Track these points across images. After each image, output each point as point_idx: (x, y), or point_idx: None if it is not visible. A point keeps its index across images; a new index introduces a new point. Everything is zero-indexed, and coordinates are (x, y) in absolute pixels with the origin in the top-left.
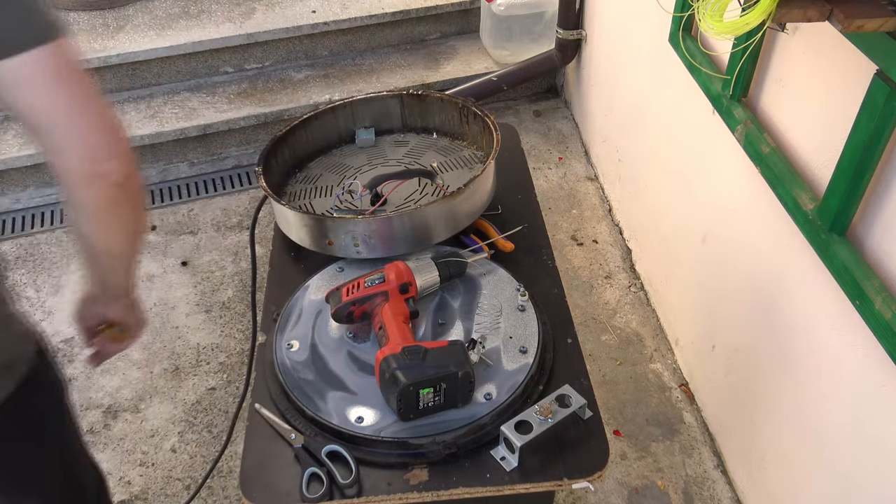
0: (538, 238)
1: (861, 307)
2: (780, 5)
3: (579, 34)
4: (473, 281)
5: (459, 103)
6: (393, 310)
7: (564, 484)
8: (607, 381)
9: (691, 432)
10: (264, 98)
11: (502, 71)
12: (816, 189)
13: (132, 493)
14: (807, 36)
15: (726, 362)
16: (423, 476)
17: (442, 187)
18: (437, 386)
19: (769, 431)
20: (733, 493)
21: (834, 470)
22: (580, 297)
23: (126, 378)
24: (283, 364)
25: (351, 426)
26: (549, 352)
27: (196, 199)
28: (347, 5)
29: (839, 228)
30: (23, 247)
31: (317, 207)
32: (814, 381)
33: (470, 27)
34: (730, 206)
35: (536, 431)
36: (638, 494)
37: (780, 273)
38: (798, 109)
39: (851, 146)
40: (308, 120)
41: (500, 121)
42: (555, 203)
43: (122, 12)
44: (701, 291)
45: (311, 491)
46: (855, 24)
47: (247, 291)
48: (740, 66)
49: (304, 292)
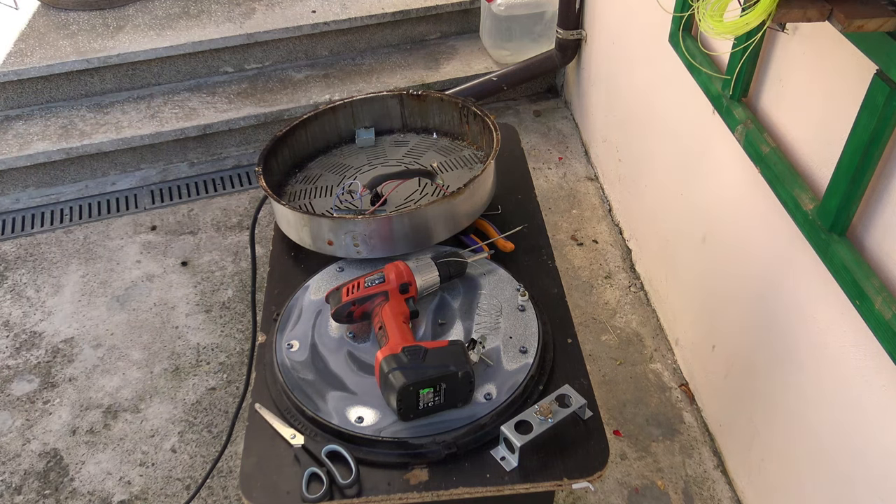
0: (538, 238)
1: (861, 307)
2: (780, 5)
3: (579, 34)
4: (473, 281)
5: (459, 103)
6: (393, 310)
7: (564, 484)
8: (607, 381)
9: (691, 432)
10: (264, 98)
11: (502, 71)
12: (816, 189)
13: (132, 493)
14: (807, 36)
15: (726, 362)
16: (423, 476)
17: (442, 187)
18: (437, 386)
19: (769, 431)
20: (733, 493)
21: (834, 470)
22: (580, 297)
23: (126, 378)
24: (283, 364)
25: (351, 426)
26: (549, 352)
27: (196, 199)
28: (347, 5)
29: (839, 228)
30: (23, 247)
31: (317, 207)
32: (814, 381)
33: (470, 27)
34: (730, 206)
35: (536, 431)
36: (638, 494)
37: (780, 273)
38: (798, 109)
39: (851, 146)
40: (308, 120)
41: (500, 121)
42: (555, 203)
43: (122, 12)
44: (701, 291)
45: (311, 491)
46: (855, 24)
47: (247, 291)
48: (740, 66)
49: (304, 292)
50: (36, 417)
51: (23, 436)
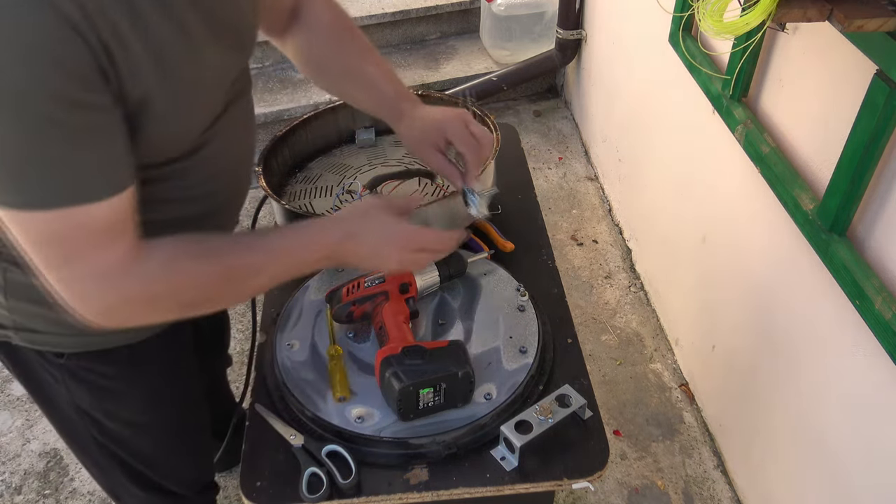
0: (538, 238)
1: (861, 307)
2: (780, 5)
3: (579, 34)
4: (473, 281)
5: (459, 103)
6: (393, 310)
7: (564, 484)
8: (607, 381)
9: (691, 432)
10: (264, 98)
11: (502, 71)
12: (816, 189)
13: None
14: (807, 36)
15: (726, 362)
16: (423, 476)
17: (442, 187)
18: (437, 386)
19: (769, 431)
20: (733, 493)
21: (834, 470)
22: (580, 297)
23: None
24: (283, 364)
25: (351, 426)
26: (549, 352)
27: None
28: (347, 5)
29: (839, 228)
30: None
31: (317, 207)
32: (814, 382)
33: (470, 27)
34: (730, 207)
35: (536, 431)
36: (638, 494)
37: (780, 273)
38: (798, 109)
39: (851, 146)
40: (308, 120)
41: (500, 121)
42: (555, 203)
43: None
44: (701, 291)
45: (311, 491)
46: (855, 24)
47: None
48: (740, 66)
49: (304, 292)
50: (36, 417)
51: (23, 436)
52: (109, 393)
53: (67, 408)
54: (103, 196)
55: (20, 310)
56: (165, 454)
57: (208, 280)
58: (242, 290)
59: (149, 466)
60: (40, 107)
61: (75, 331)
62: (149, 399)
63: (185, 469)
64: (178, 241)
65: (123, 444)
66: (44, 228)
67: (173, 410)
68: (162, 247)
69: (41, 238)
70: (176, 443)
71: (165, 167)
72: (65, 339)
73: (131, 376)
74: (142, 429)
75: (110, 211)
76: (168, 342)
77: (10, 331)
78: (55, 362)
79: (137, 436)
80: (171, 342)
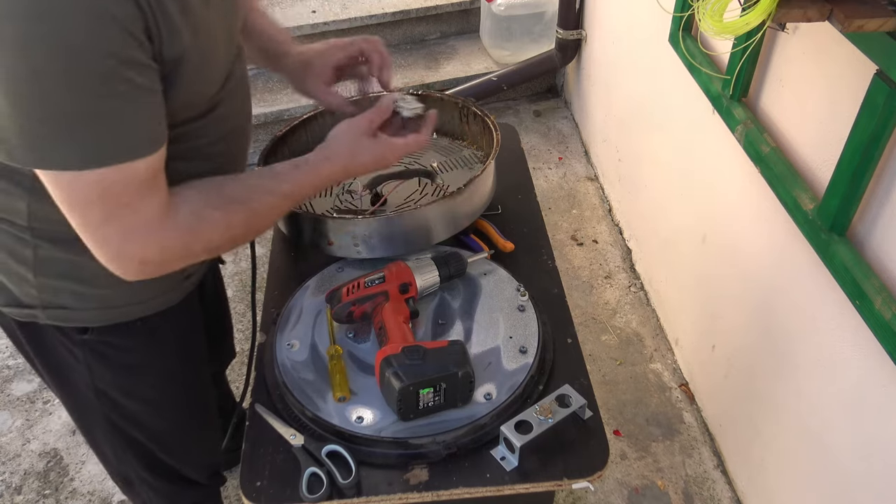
0: (538, 238)
1: (861, 307)
2: (780, 5)
3: (579, 34)
4: (473, 281)
5: (459, 103)
6: (393, 310)
7: (564, 484)
8: (607, 381)
9: (691, 432)
10: (264, 98)
11: (502, 71)
12: (816, 189)
13: None
14: (807, 36)
15: (726, 362)
16: (423, 476)
17: (442, 187)
18: (436, 386)
19: (769, 431)
20: (733, 493)
21: (834, 470)
22: (580, 297)
23: None
24: (283, 364)
25: (351, 426)
26: (549, 352)
27: None
28: (347, 5)
29: (839, 228)
30: None
31: (317, 207)
32: (814, 381)
33: (470, 27)
34: (730, 206)
35: (536, 431)
36: (638, 494)
37: (780, 273)
38: (798, 109)
39: (851, 146)
40: (308, 120)
41: (500, 121)
42: (555, 203)
43: None
44: (701, 291)
45: (311, 491)
46: (855, 24)
47: (247, 291)
48: (740, 66)
49: (304, 292)
50: (36, 417)
51: (23, 436)
52: (128, 369)
53: (86, 389)
54: (150, 151)
55: (48, 287)
56: (178, 433)
57: (235, 225)
58: (264, 226)
59: (161, 446)
60: (98, 64)
61: (101, 304)
62: (164, 375)
63: (195, 451)
64: (201, 192)
65: (138, 423)
66: (94, 186)
67: (186, 389)
68: (189, 198)
69: (89, 197)
70: (189, 422)
71: (180, 128)
72: (90, 313)
73: (149, 350)
74: (157, 407)
75: (151, 166)
76: (181, 322)
77: (38, 310)
78: (78, 339)
79: (152, 414)
80: (183, 323)
